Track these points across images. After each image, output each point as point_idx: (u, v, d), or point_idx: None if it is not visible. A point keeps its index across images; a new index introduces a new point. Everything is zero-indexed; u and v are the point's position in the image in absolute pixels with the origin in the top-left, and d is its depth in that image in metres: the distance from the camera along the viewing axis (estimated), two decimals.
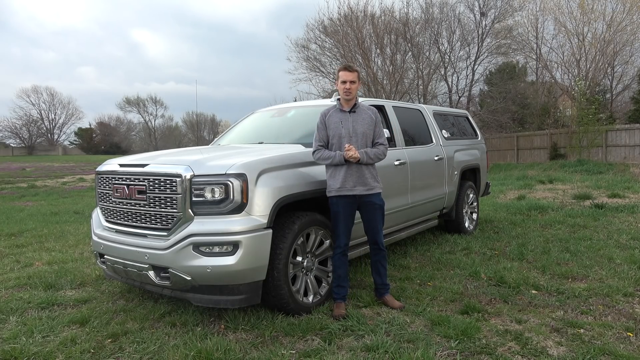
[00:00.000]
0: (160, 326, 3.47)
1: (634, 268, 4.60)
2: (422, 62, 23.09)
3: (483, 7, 23.67)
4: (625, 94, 27.16)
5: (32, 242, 6.76)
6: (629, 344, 3.03)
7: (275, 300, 3.45)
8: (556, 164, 18.34)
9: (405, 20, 22.26)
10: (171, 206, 3.32)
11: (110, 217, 3.82)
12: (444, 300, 3.86)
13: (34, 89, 63.32)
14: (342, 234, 3.66)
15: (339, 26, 22.52)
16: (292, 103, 6.10)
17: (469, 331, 3.16)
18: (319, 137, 3.72)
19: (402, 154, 5.00)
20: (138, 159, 3.83)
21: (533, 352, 2.93)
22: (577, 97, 19.91)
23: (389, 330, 3.26)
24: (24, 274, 4.92)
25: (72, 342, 3.19)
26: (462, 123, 7.12)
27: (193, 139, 68.85)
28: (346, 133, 3.64)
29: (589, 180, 13.17)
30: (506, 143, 23.52)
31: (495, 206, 8.91)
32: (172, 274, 3.26)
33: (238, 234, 3.17)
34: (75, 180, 21.96)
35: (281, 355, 2.95)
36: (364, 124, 3.69)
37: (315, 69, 23.78)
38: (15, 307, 3.88)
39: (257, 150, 3.92)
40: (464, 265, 4.84)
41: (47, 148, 61.34)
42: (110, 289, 4.36)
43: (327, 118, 3.72)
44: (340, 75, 3.67)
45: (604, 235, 6.11)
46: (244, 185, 3.23)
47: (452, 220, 6.35)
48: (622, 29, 22.58)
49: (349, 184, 3.60)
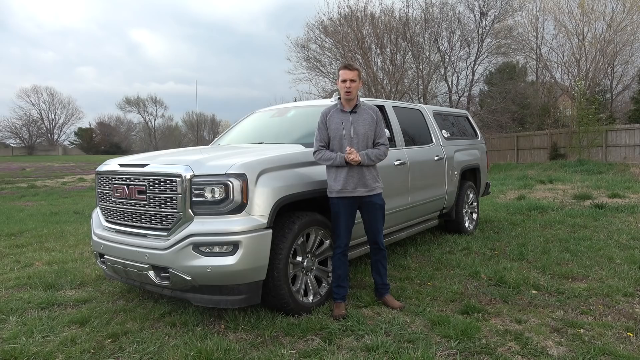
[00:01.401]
0: (160, 326, 3.46)
1: (634, 268, 4.60)
2: (422, 62, 23.10)
3: (483, 7, 23.68)
4: (625, 94, 27.19)
5: (32, 242, 6.76)
6: (629, 344, 3.03)
7: (275, 300, 3.45)
8: (556, 164, 18.34)
9: (405, 20, 22.27)
10: (171, 206, 3.31)
11: (110, 217, 3.82)
12: (444, 300, 3.86)
13: (34, 89, 63.51)
14: (342, 234, 3.66)
15: (339, 26, 22.52)
16: (292, 103, 6.10)
17: (469, 331, 3.16)
18: (319, 137, 3.70)
19: (402, 154, 5.00)
20: (138, 159, 3.82)
21: (533, 352, 2.93)
22: (577, 97, 19.90)
23: (389, 330, 3.26)
24: (24, 274, 4.92)
25: (72, 342, 3.19)
26: (462, 123, 7.12)
27: (193, 139, 68.89)
28: (347, 134, 3.63)
29: (589, 180, 13.17)
30: (506, 143, 23.52)
31: (495, 206, 8.91)
32: (172, 274, 3.26)
33: (238, 234, 3.17)
34: (75, 180, 21.96)
35: (281, 355, 2.95)
36: (365, 124, 3.67)
37: (315, 69, 23.81)
38: (15, 307, 3.88)
39: (257, 150, 3.92)
40: (464, 265, 4.84)
41: (47, 148, 61.36)
42: (110, 289, 4.36)
43: (328, 118, 3.70)
44: (340, 74, 3.65)
45: (604, 235, 6.11)
46: (244, 185, 3.23)
47: (452, 220, 6.35)
48: (622, 29, 22.58)
49: (350, 185, 3.60)
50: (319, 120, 3.73)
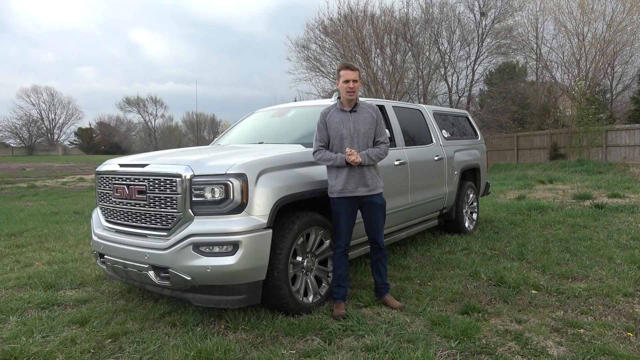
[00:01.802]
0: (160, 326, 3.46)
1: (634, 268, 4.60)
2: (422, 62, 23.10)
3: (483, 7, 23.67)
4: (625, 94, 27.18)
5: (32, 242, 6.76)
6: (629, 344, 3.03)
7: (275, 300, 3.45)
8: (556, 164, 18.34)
9: (405, 20, 22.27)
10: (171, 206, 3.32)
11: (110, 217, 3.82)
12: (444, 300, 3.86)
13: (34, 89, 63.42)
14: (343, 234, 3.66)
15: (339, 26, 22.52)
16: (292, 103, 6.10)
17: (469, 331, 3.16)
18: (319, 137, 3.69)
19: (402, 154, 5.00)
20: (138, 159, 3.83)
21: (533, 352, 2.93)
22: (577, 97, 19.90)
23: (389, 330, 3.26)
24: (24, 274, 4.92)
25: (72, 342, 3.19)
26: (462, 123, 7.12)
27: (193, 139, 68.89)
28: (347, 134, 3.63)
29: (589, 180, 13.17)
30: (506, 143, 23.52)
31: (495, 206, 8.91)
32: (172, 274, 3.26)
33: (238, 234, 3.17)
34: (75, 180, 21.96)
35: (281, 355, 2.95)
36: (365, 123, 3.68)
37: (315, 69, 23.81)
38: (15, 307, 3.88)
39: (257, 150, 3.92)
40: (464, 265, 4.84)
41: (47, 148, 61.35)
42: (110, 289, 4.36)
43: (327, 118, 3.70)
44: (341, 74, 3.64)
45: (604, 235, 6.11)
46: (244, 185, 3.23)
47: (452, 220, 6.35)
48: (622, 29, 22.58)
49: (351, 185, 3.60)
50: (318, 120, 3.73)
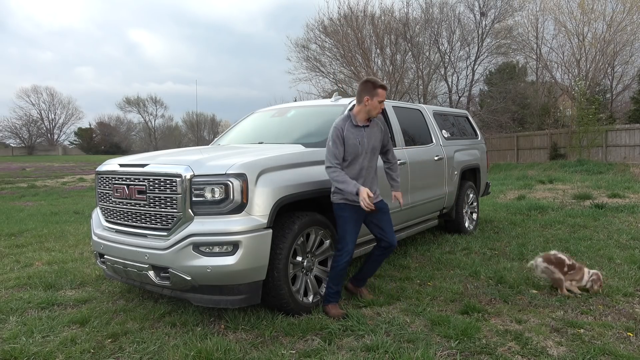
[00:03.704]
0: (160, 326, 3.46)
1: (634, 268, 4.60)
2: (422, 62, 23.12)
3: (483, 7, 23.68)
4: (625, 94, 27.16)
5: (32, 242, 6.76)
6: (629, 344, 3.03)
7: (275, 300, 3.45)
8: (556, 164, 18.34)
9: (405, 21, 22.29)
10: (171, 206, 3.31)
11: (110, 217, 3.82)
12: (444, 300, 3.86)
13: (34, 89, 63.60)
14: (350, 240, 3.59)
15: (339, 26, 22.54)
16: (292, 103, 6.10)
17: (469, 331, 3.16)
18: (336, 152, 3.49)
19: (402, 154, 5.00)
20: (138, 159, 3.82)
21: (533, 352, 2.93)
22: (577, 97, 19.92)
23: (389, 330, 3.26)
24: (24, 274, 4.92)
25: (72, 342, 3.19)
26: (462, 123, 7.12)
27: (193, 139, 68.91)
28: (362, 150, 3.59)
29: (589, 180, 13.17)
30: (506, 143, 23.52)
31: (495, 206, 8.91)
32: (172, 274, 3.26)
33: (238, 234, 3.16)
34: (75, 180, 21.96)
35: (281, 355, 2.95)
36: (376, 138, 3.70)
37: (315, 69, 23.83)
38: (15, 307, 3.88)
39: (257, 150, 3.92)
40: (464, 265, 4.84)
41: (47, 148, 61.36)
42: (110, 289, 4.36)
43: (345, 133, 3.55)
44: (379, 93, 3.56)
45: (604, 235, 6.11)
46: (244, 185, 3.23)
47: (452, 220, 6.35)
48: (622, 29, 22.58)
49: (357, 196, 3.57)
50: (333, 133, 3.55)
